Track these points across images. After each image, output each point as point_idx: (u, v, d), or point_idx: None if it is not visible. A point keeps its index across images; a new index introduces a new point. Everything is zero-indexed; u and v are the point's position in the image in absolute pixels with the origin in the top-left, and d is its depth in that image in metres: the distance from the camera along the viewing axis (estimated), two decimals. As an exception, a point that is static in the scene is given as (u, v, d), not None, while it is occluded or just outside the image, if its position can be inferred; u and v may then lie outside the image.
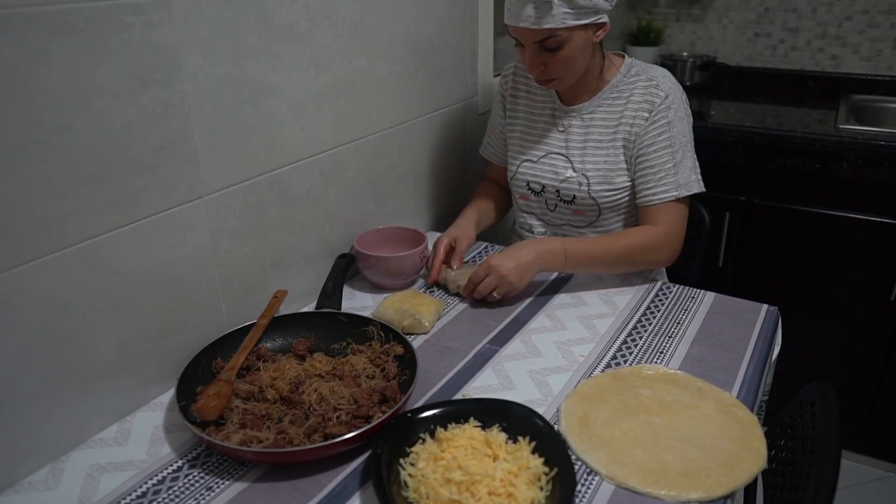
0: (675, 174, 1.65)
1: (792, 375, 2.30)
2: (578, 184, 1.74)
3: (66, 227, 1.08)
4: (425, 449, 1.10)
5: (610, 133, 1.71)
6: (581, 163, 1.74)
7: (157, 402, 1.29)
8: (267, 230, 1.48)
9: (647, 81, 1.68)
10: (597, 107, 1.74)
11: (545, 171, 1.80)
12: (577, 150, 1.76)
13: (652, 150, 1.66)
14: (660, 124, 1.65)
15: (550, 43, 1.54)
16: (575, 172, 1.75)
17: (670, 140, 1.65)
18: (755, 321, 1.54)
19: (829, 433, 1.18)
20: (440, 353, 1.44)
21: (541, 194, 1.82)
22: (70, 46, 1.04)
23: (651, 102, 1.66)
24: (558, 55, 1.56)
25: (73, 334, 1.13)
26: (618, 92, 1.71)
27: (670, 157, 1.65)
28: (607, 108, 1.72)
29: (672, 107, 1.65)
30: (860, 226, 2.43)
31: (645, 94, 1.67)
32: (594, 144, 1.73)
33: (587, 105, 1.74)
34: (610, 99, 1.72)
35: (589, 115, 1.75)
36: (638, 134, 1.67)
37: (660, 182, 1.66)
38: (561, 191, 1.78)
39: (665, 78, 1.69)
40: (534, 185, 1.82)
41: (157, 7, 1.15)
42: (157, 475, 1.11)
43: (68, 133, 1.06)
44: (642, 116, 1.66)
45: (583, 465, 1.12)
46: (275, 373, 1.28)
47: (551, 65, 1.59)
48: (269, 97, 1.41)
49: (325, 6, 1.50)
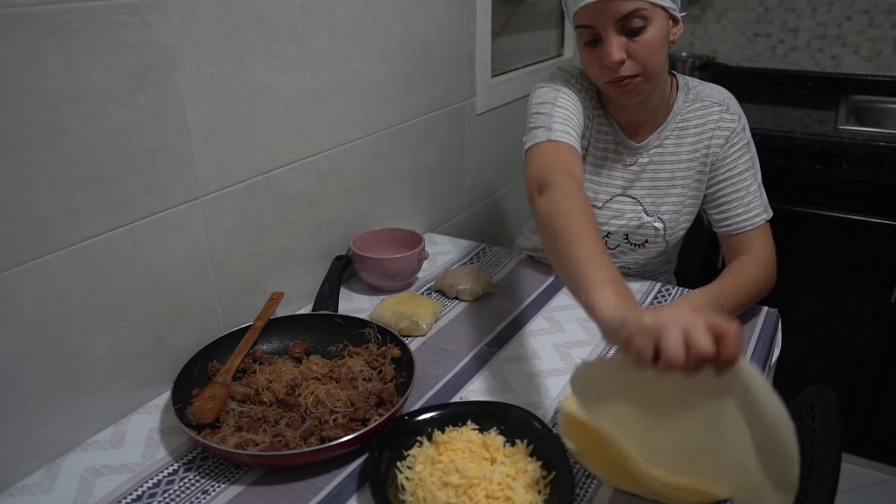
0: (760, 195, 1.58)
1: (792, 378, 2.30)
2: (655, 229, 1.64)
3: (60, 228, 1.08)
4: (422, 452, 1.10)
5: (683, 168, 1.61)
6: (653, 205, 1.63)
7: (153, 405, 1.29)
8: (263, 232, 1.48)
9: (717, 107, 1.58)
10: (664, 140, 1.60)
11: (611, 217, 1.66)
12: (645, 191, 1.64)
13: (736, 174, 1.57)
14: (739, 147, 1.57)
15: (634, 22, 1.36)
16: (650, 217, 1.64)
17: (751, 161, 1.58)
18: (755, 323, 1.54)
19: (830, 436, 1.18)
20: (438, 356, 1.44)
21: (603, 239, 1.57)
22: (65, 46, 1.04)
23: (727, 129, 1.56)
24: (641, 39, 1.37)
25: (67, 336, 1.13)
26: (685, 121, 1.60)
27: (754, 179, 1.58)
28: (675, 140, 1.60)
29: (746, 127, 1.59)
30: (860, 227, 2.43)
31: (717, 121, 1.57)
32: (665, 183, 1.62)
33: (653, 139, 1.60)
34: (677, 130, 1.60)
35: (656, 150, 1.61)
36: (715, 159, 1.58)
37: (749, 207, 1.57)
38: (631, 235, 1.67)
39: (731, 100, 1.60)
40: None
41: (153, 7, 1.16)
42: (152, 478, 1.11)
43: (63, 134, 1.06)
44: (718, 144, 1.57)
45: (581, 469, 1.12)
46: (271, 375, 1.28)
47: (634, 53, 1.39)
48: (265, 98, 1.42)
49: (321, 6, 1.50)
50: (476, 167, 2.29)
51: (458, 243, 1.99)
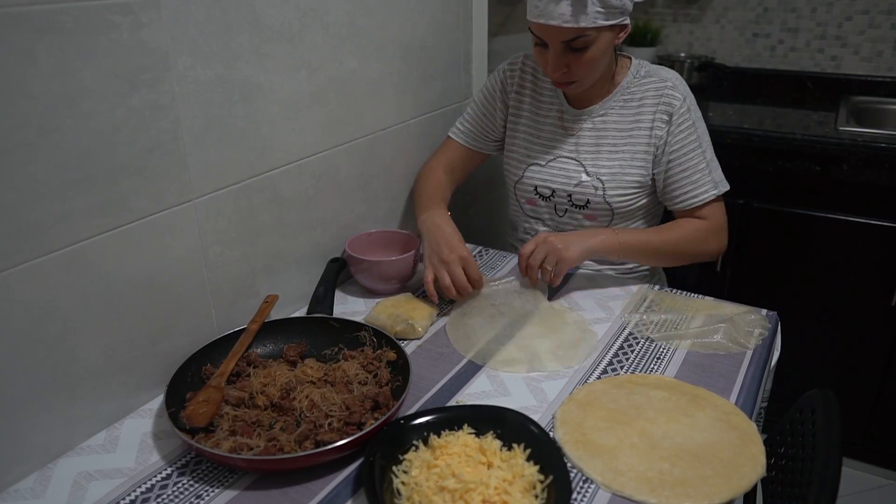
0: (708, 172, 1.69)
1: (791, 381, 2.30)
2: (594, 188, 1.74)
3: (53, 230, 1.09)
4: (418, 456, 1.11)
5: (624, 136, 1.72)
6: (594, 166, 1.74)
7: (146, 409, 1.30)
8: (257, 234, 1.49)
9: (661, 83, 1.69)
10: (608, 109, 1.74)
11: (555, 175, 1.79)
12: (588, 154, 1.76)
13: (682, 153, 1.68)
14: (685, 126, 1.67)
15: (578, 43, 1.53)
16: (589, 176, 1.75)
17: (698, 140, 1.68)
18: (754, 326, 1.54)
19: (830, 440, 1.18)
20: (434, 359, 1.45)
21: (550, 199, 1.82)
22: (57, 47, 1.04)
23: (669, 105, 1.67)
24: (583, 56, 1.55)
25: (60, 340, 1.13)
26: (629, 94, 1.72)
27: (702, 158, 1.68)
28: (619, 110, 1.73)
29: (692, 108, 1.68)
30: (860, 229, 2.44)
31: (660, 97, 1.68)
32: (608, 148, 1.74)
33: (598, 107, 1.75)
34: (621, 101, 1.73)
35: (600, 118, 1.75)
36: (661, 138, 1.68)
37: (696, 184, 1.69)
38: (573, 195, 1.78)
39: (678, 80, 1.70)
40: (543, 189, 1.82)
41: (146, 7, 1.16)
42: (145, 483, 1.12)
43: (55, 135, 1.06)
44: (662, 119, 1.68)
45: (578, 473, 1.13)
46: (265, 379, 1.29)
47: (574, 66, 1.58)
48: (259, 98, 1.42)
49: (316, 6, 1.51)
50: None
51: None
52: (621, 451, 1.15)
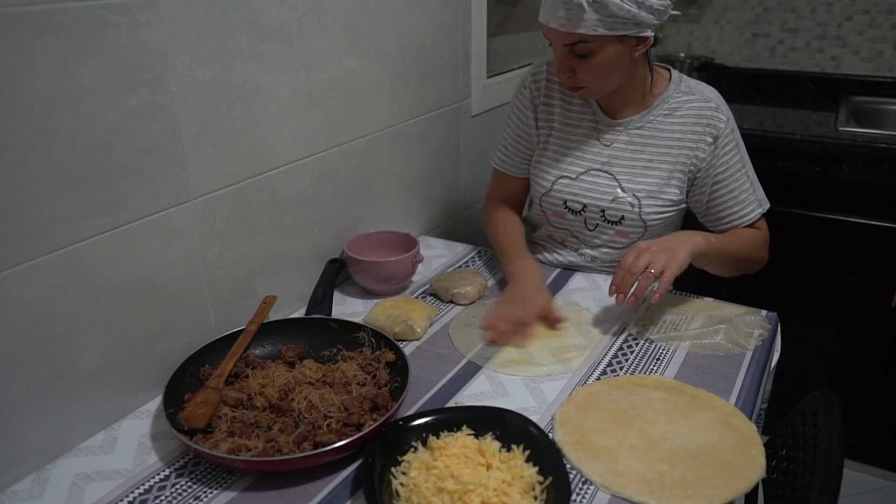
0: (753, 192, 1.68)
1: (791, 382, 2.31)
2: (630, 205, 1.69)
3: (50, 231, 1.09)
4: (417, 457, 1.11)
5: (662, 152, 1.67)
6: (630, 182, 1.69)
7: (144, 410, 1.30)
8: (256, 234, 1.49)
9: (705, 102, 1.64)
10: (646, 122, 1.68)
11: (586, 189, 1.72)
12: (624, 168, 1.70)
13: (728, 175, 1.65)
14: (730, 149, 1.64)
15: (580, 49, 1.50)
16: (624, 192, 1.69)
17: (742, 161, 1.66)
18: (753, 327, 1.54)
19: (832, 443, 1.18)
20: (432, 360, 1.45)
21: (580, 213, 1.75)
22: (55, 47, 1.04)
23: (714, 127, 1.62)
24: (587, 63, 1.52)
25: (58, 341, 1.13)
26: (669, 109, 1.67)
27: (746, 178, 1.67)
28: (658, 124, 1.67)
29: (734, 129, 1.66)
30: (860, 230, 2.45)
31: (701, 117, 1.63)
32: (644, 163, 1.68)
33: (635, 119, 1.69)
34: (661, 116, 1.67)
35: (637, 131, 1.69)
36: (704, 160, 1.64)
37: (743, 204, 1.67)
38: (607, 211, 1.72)
39: (721, 100, 1.67)
40: (572, 203, 1.75)
41: (144, 7, 1.16)
42: (143, 484, 1.12)
43: (53, 135, 1.07)
44: (706, 142, 1.63)
45: (577, 475, 1.13)
46: (264, 380, 1.29)
47: (579, 72, 1.55)
48: (257, 99, 1.42)
49: (315, 6, 1.51)
50: (471, 169, 2.30)
51: (454, 246, 2.00)
52: (620, 452, 1.15)
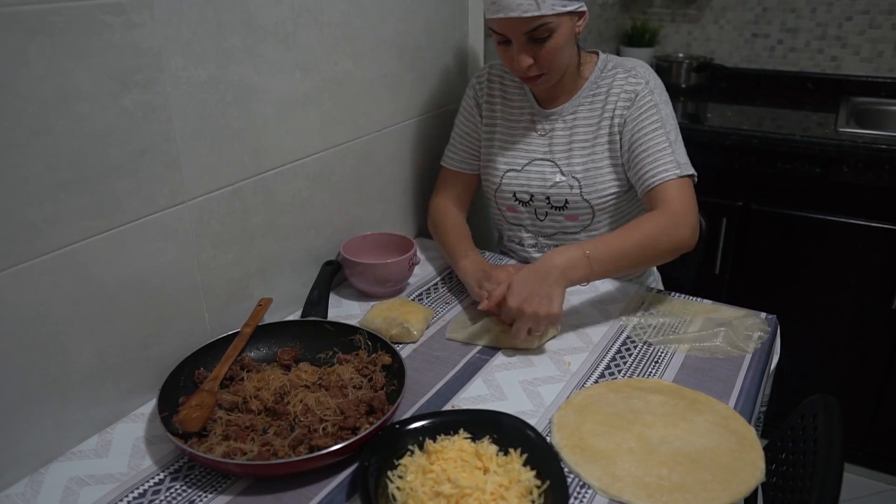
0: (671, 153, 1.62)
1: (791, 385, 2.31)
2: (569, 187, 1.74)
3: (44, 233, 1.09)
4: (414, 461, 1.11)
5: (593, 130, 1.72)
6: (568, 165, 1.74)
7: (139, 413, 1.30)
8: (251, 236, 1.49)
9: (625, 72, 1.69)
10: (577, 106, 1.74)
11: (532, 178, 1.79)
12: (562, 154, 1.76)
13: (643, 132, 1.64)
14: (647, 107, 1.65)
15: (540, 32, 1.53)
16: (564, 176, 1.75)
17: (660, 121, 1.64)
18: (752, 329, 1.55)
19: (832, 446, 1.19)
20: (429, 363, 1.45)
21: (529, 203, 1.82)
22: (49, 47, 1.05)
23: (632, 91, 1.66)
24: (546, 46, 1.55)
25: (51, 343, 1.14)
26: (597, 89, 1.72)
27: (664, 138, 1.63)
28: (588, 106, 1.73)
29: (655, 91, 1.67)
30: (860, 232, 2.45)
31: (623, 84, 1.68)
32: (580, 145, 1.74)
33: (567, 106, 1.75)
34: (590, 97, 1.73)
35: (571, 116, 1.75)
36: (623, 122, 1.67)
37: (658, 163, 1.62)
38: (551, 197, 1.77)
39: (643, 67, 1.70)
40: (521, 194, 1.82)
41: (138, 7, 1.16)
42: (138, 488, 1.12)
43: (47, 136, 1.07)
44: (623, 105, 1.67)
45: (575, 478, 1.13)
46: (259, 383, 1.29)
47: (540, 58, 1.58)
48: (253, 100, 1.42)
49: (310, 6, 1.51)
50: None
51: (451, 248, 2.00)
52: (619, 455, 1.16)
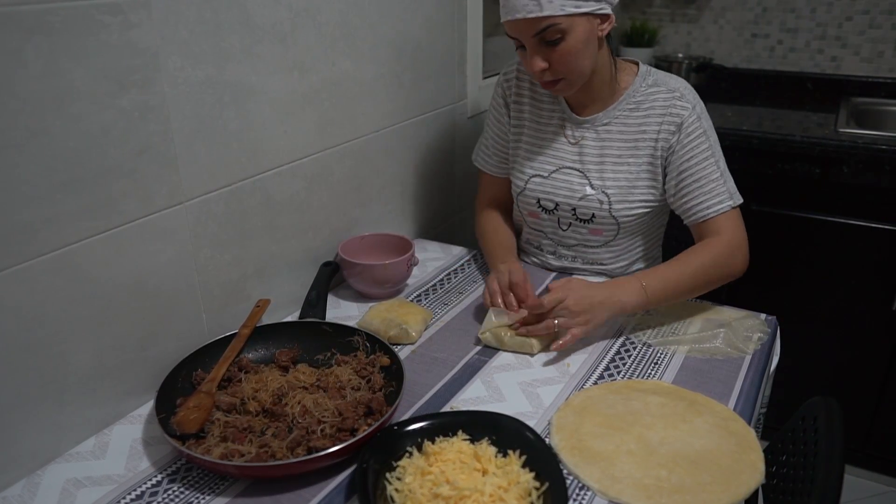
0: (723, 183, 1.61)
1: (791, 387, 2.31)
2: (599, 202, 1.69)
3: (41, 234, 1.09)
4: (412, 463, 1.11)
5: (630, 147, 1.66)
6: (600, 179, 1.69)
7: (136, 415, 1.30)
8: (249, 237, 1.49)
9: (669, 93, 1.63)
10: (613, 118, 1.67)
11: (558, 187, 1.73)
12: (593, 166, 1.70)
13: (694, 163, 1.60)
14: (696, 135, 1.60)
15: (550, 34, 1.46)
16: (594, 190, 1.69)
17: (710, 150, 1.61)
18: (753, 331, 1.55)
19: (832, 448, 1.19)
20: (428, 364, 1.45)
21: (553, 212, 1.77)
22: (46, 47, 1.05)
23: (678, 115, 1.60)
24: (560, 49, 1.48)
25: (48, 344, 1.14)
26: (635, 103, 1.66)
27: (715, 167, 1.61)
28: (625, 119, 1.67)
29: (702, 117, 1.62)
30: (861, 232, 2.45)
31: (668, 107, 1.62)
32: (613, 159, 1.68)
33: (602, 115, 1.68)
34: (627, 110, 1.66)
35: (604, 127, 1.68)
36: (669, 150, 1.62)
37: (711, 194, 1.60)
38: (578, 209, 1.72)
39: (688, 89, 1.64)
40: (545, 202, 1.76)
41: (136, 7, 1.16)
42: (135, 490, 1.12)
43: (44, 137, 1.07)
44: (669, 130, 1.61)
45: (575, 480, 1.14)
46: (257, 384, 1.29)
47: (554, 62, 1.51)
48: (251, 100, 1.43)
49: (308, 6, 1.51)
50: (467, 171, 2.30)
51: (449, 249, 2.01)
52: (618, 457, 1.16)
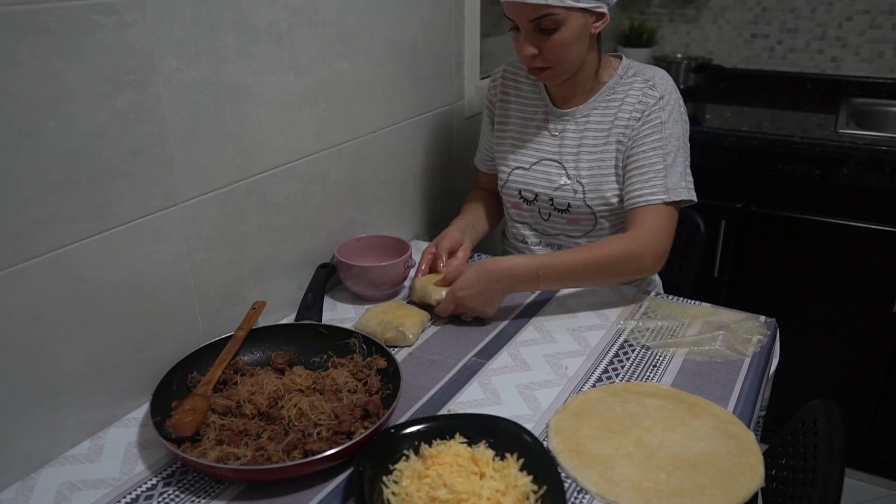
0: (664, 176, 1.62)
1: (791, 389, 2.32)
2: (573, 191, 1.74)
3: (35, 235, 1.09)
4: (409, 466, 1.11)
5: (603, 136, 1.71)
6: (575, 169, 1.74)
7: (131, 418, 1.30)
8: (245, 239, 1.49)
9: (644, 82, 1.68)
10: (591, 110, 1.74)
11: (538, 178, 1.80)
12: (570, 156, 1.76)
13: (641, 150, 1.65)
14: (652, 124, 1.64)
15: (546, 23, 1.52)
16: (569, 179, 1.75)
17: (661, 141, 1.64)
18: (752, 333, 1.55)
19: (832, 451, 1.18)
20: (425, 367, 1.46)
21: (533, 203, 1.83)
22: (40, 48, 1.05)
23: (645, 103, 1.66)
24: (553, 39, 1.55)
25: (43, 347, 1.14)
26: (614, 94, 1.71)
27: (661, 159, 1.63)
28: (602, 110, 1.72)
29: (666, 108, 1.65)
30: (861, 234, 2.46)
31: (640, 95, 1.67)
32: (588, 149, 1.73)
33: (582, 108, 1.74)
34: (605, 101, 1.72)
35: (583, 119, 1.74)
36: (630, 136, 1.67)
37: (647, 183, 1.63)
38: (555, 199, 1.78)
39: (663, 79, 1.68)
40: (526, 193, 1.83)
41: (131, 7, 1.17)
42: (130, 493, 1.12)
43: (38, 138, 1.07)
44: (635, 117, 1.66)
45: (573, 484, 1.14)
46: (253, 387, 1.29)
47: (545, 50, 1.57)
48: (247, 100, 1.43)
49: (305, 6, 1.51)
50: (464, 172, 2.30)
51: (447, 251, 2.00)
52: (616, 460, 1.16)
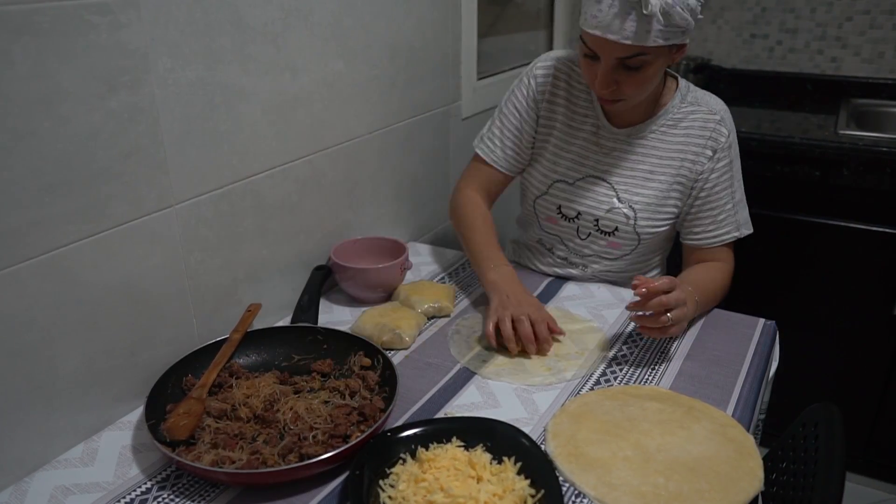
0: (734, 214, 1.66)
1: (791, 393, 2.32)
2: (625, 216, 1.69)
3: (29, 237, 1.09)
4: (406, 470, 1.12)
5: (664, 164, 1.66)
6: (627, 193, 1.69)
7: (125, 421, 1.30)
8: (240, 241, 1.49)
9: (710, 114, 1.64)
10: (648, 132, 1.67)
11: (583, 196, 1.72)
12: (622, 178, 1.69)
13: (715, 191, 1.64)
14: (723, 164, 1.63)
15: (634, 62, 1.45)
16: (620, 203, 1.69)
17: (731, 180, 1.65)
18: (751, 336, 1.57)
19: (833, 455, 1.19)
20: (421, 370, 1.46)
21: (574, 220, 1.76)
22: (34, 48, 1.05)
23: (716, 140, 1.62)
24: (637, 76, 1.48)
25: (36, 349, 1.14)
26: (673, 120, 1.66)
27: (730, 199, 1.66)
28: (661, 136, 1.67)
29: (733, 145, 1.65)
30: (861, 236, 2.46)
31: (706, 129, 1.63)
32: (644, 174, 1.68)
33: (638, 129, 1.67)
34: (665, 127, 1.66)
35: (639, 141, 1.68)
36: (699, 172, 1.64)
37: (721, 224, 1.66)
38: (601, 220, 1.72)
39: (726, 113, 1.66)
40: (567, 210, 1.75)
41: (125, 7, 1.17)
42: (124, 497, 1.12)
43: (32, 139, 1.07)
44: (706, 155, 1.63)
45: (570, 487, 1.14)
46: (248, 390, 1.29)
47: (624, 84, 1.50)
48: (242, 101, 1.43)
49: (300, 6, 1.52)
50: (461, 173, 2.30)
51: (443, 253, 2.01)
52: (615, 464, 1.16)
